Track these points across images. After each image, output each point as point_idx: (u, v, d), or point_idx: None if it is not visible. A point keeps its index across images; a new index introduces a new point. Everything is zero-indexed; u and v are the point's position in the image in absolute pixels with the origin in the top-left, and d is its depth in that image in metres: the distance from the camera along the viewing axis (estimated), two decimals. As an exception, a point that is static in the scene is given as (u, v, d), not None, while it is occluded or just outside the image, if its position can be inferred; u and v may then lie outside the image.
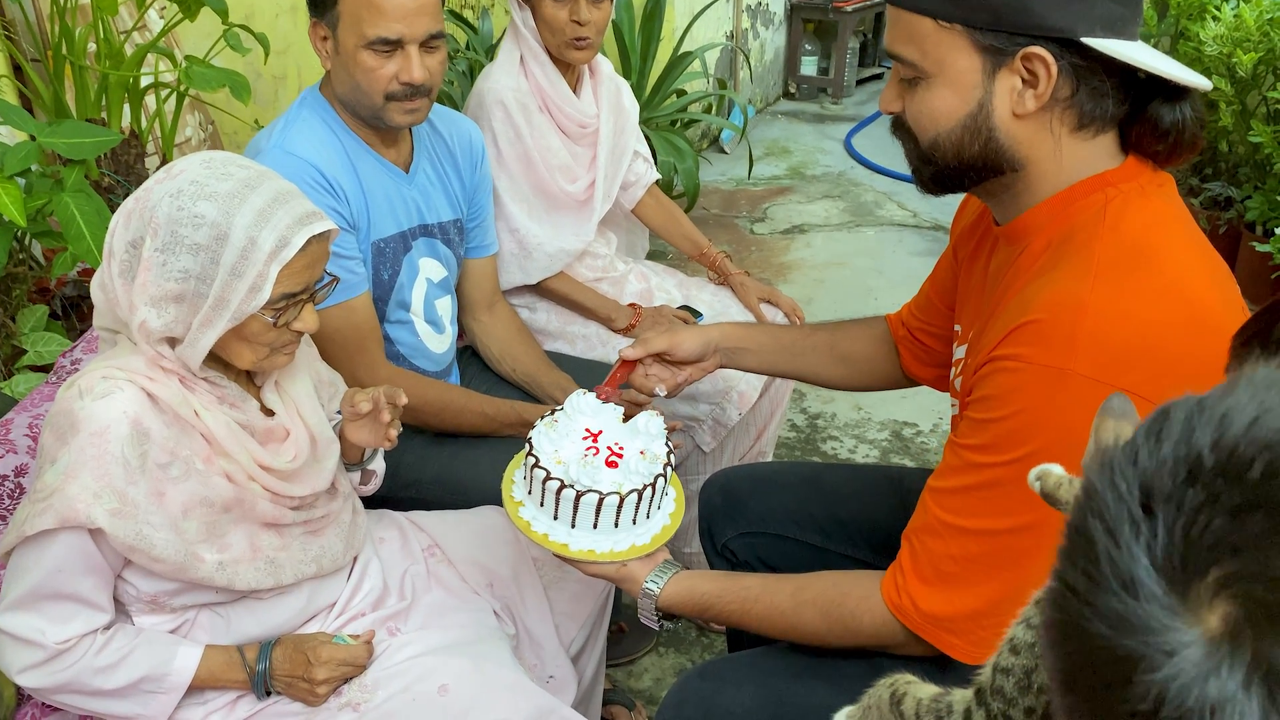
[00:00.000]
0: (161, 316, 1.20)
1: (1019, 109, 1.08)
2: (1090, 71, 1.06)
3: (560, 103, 2.14)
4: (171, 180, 1.20)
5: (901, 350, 1.60)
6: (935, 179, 1.19)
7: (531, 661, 1.55)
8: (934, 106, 1.12)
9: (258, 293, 1.19)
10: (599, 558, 1.29)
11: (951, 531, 1.12)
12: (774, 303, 2.38)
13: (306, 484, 1.35)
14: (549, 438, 1.35)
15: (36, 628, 1.20)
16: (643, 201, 2.49)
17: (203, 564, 1.25)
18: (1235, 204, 3.63)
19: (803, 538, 1.63)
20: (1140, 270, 1.05)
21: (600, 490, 1.26)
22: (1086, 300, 1.02)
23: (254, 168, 1.24)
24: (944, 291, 1.48)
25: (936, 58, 1.10)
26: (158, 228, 1.18)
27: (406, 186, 1.77)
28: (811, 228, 4.45)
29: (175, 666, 1.27)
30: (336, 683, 1.34)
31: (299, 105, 1.70)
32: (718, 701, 1.30)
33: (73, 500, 1.15)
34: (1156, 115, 1.08)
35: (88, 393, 1.19)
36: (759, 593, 1.26)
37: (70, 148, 1.96)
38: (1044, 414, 1.03)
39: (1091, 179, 1.11)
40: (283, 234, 1.20)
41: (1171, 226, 1.10)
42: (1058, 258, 1.09)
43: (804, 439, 2.98)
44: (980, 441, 1.09)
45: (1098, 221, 1.08)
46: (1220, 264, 1.15)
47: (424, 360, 1.87)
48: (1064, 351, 1.01)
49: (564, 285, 2.23)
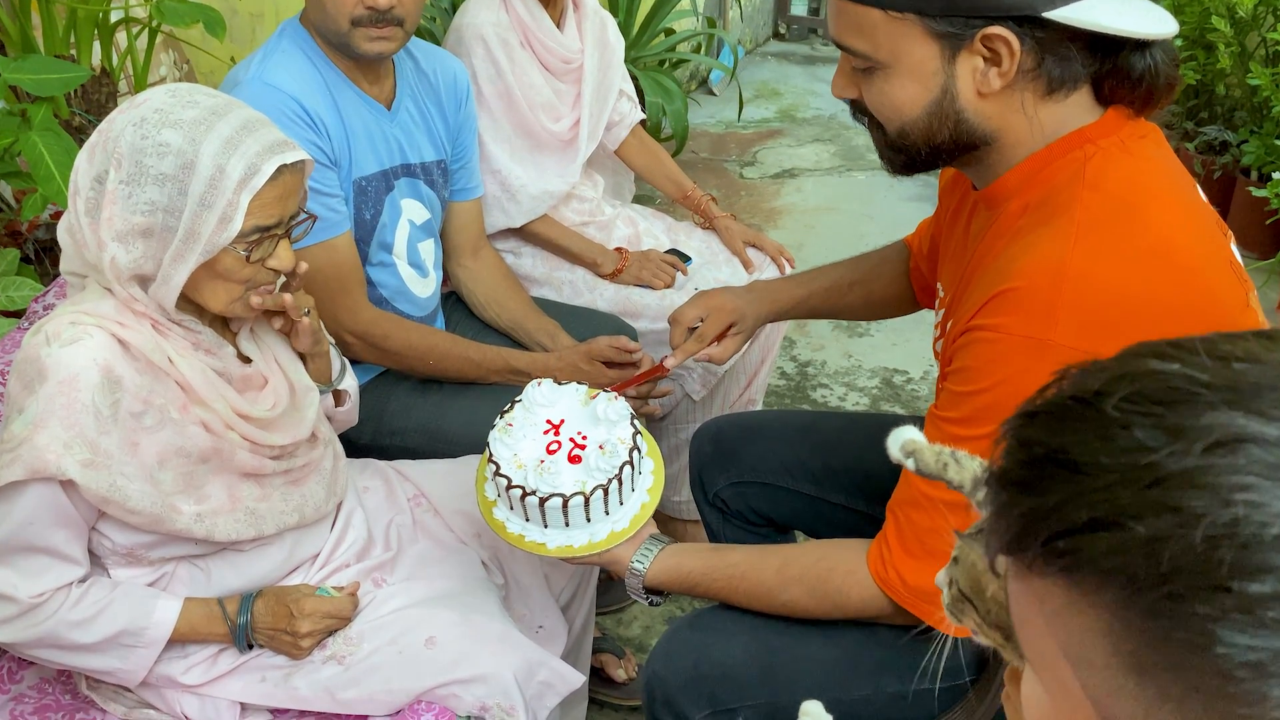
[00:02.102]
0: (130, 252, 1.15)
1: (984, 88, 1.04)
2: (1054, 40, 1.01)
3: (543, 37, 2.07)
4: (135, 109, 1.15)
5: (915, 285, 1.58)
6: (907, 165, 1.15)
7: (521, 612, 1.53)
8: (895, 97, 1.08)
9: (228, 224, 1.14)
10: (577, 552, 1.27)
11: (934, 504, 1.09)
12: (759, 247, 2.33)
13: (286, 433, 1.31)
14: (505, 443, 1.31)
15: (9, 582, 1.16)
16: (626, 142, 2.42)
17: (180, 515, 1.21)
18: (1231, 148, 3.58)
19: (795, 487, 1.60)
20: (1123, 230, 1.01)
21: (563, 493, 1.23)
22: (1067, 265, 0.98)
23: (221, 97, 1.19)
24: (938, 226, 1.44)
25: (890, 48, 1.05)
26: (121, 158, 1.13)
27: (389, 124, 1.71)
28: (802, 172, 4.39)
29: (154, 620, 1.24)
30: (320, 635, 1.32)
31: (278, 36, 1.63)
32: (708, 652, 1.28)
33: (42, 451, 1.10)
34: (1127, 65, 1.03)
35: (55, 339, 1.14)
36: (745, 569, 1.24)
37: (37, 84, 1.88)
38: (1024, 386, 0.98)
39: (1069, 136, 1.06)
40: (252, 161, 1.14)
41: (1156, 181, 1.06)
42: (1036, 220, 1.05)
43: (794, 387, 2.96)
44: (960, 415, 1.06)
45: (1077, 180, 1.04)
46: (1209, 218, 1.11)
47: (407, 304, 1.83)
48: (1044, 321, 0.97)
49: (549, 229, 2.18)
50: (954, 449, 0.80)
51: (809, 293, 1.65)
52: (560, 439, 1.33)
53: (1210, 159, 3.60)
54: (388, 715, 1.29)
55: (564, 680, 1.34)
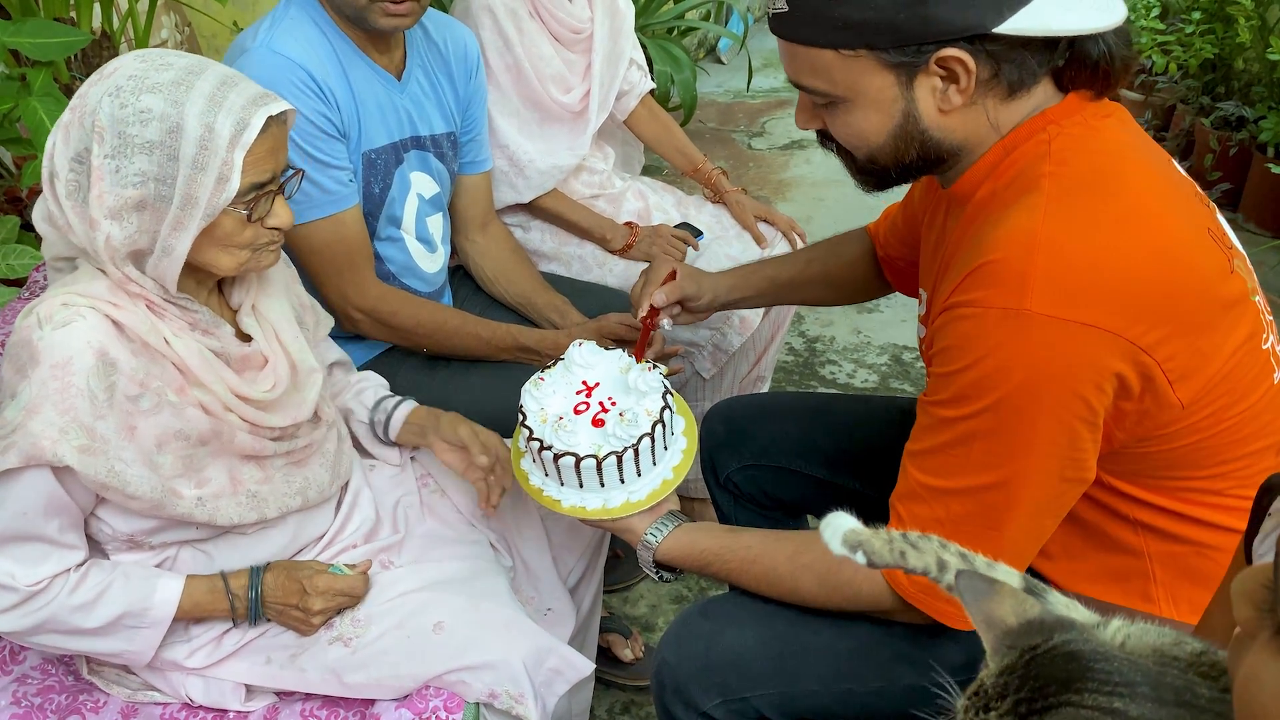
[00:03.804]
0: (125, 228, 1.11)
1: (945, 105, 1.05)
2: (1007, 49, 1.01)
3: (551, 7, 2.02)
4: (107, 80, 1.10)
5: (885, 270, 1.57)
6: (880, 185, 1.17)
7: (529, 595, 1.51)
8: (859, 127, 1.09)
9: (226, 183, 1.11)
10: (589, 515, 1.27)
11: (934, 494, 1.08)
12: (770, 221, 2.30)
13: (287, 414, 1.28)
14: (534, 396, 1.33)
15: (6, 571, 1.14)
16: (636, 112, 2.37)
17: (181, 500, 1.19)
18: (1248, 124, 3.52)
19: (808, 471, 1.58)
20: (1093, 199, 1.00)
21: (577, 453, 1.24)
22: (1038, 234, 0.98)
23: (192, 56, 1.15)
24: (912, 220, 1.43)
25: (847, 84, 1.05)
26: (103, 132, 1.08)
27: (398, 95, 1.67)
28: (811, 143, 4.33)
29: (156, 600, 1.22)
30: (331, 613, 1.30)
31: (286, 3, 1.58)
32: (720, 640, 1.26)
33: (37, 437, 1.07)
34: (1082, 54, 1.04)
35: (47, 321, 1.10)
36: (758, 553, 1.23)
37: (36, 48, 1.84)
38: (1006, 358, 0.98)
39: (1031, 120, 1.06)
40: (240, 116, 1.10)
41: (1125, 153, 1.06)
42: (1006, 200, 1.04)
43: (802, 363, 2.93)
44: (947, 395, 1.04)
45: (1043, 159, 1.04)
46: (1186, 188, 1.10)
47: (415, 280, 1.79)
48: (1018, 291, 0.97)
49: (558, 204, 2.14)
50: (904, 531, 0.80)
51: (761, 264, 1.67)
52: (590, 401, 1.33)
53: (1226, 135, 3.55)
54: (394, 700, 1.28)
55: (573, 667, 1.32)
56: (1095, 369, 0.97)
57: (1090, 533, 1.15)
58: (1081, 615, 0.73)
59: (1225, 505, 1.09)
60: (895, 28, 0.99)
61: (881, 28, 1.00)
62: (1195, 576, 1.14)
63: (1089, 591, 1.19)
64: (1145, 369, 0.97)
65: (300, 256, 1.61)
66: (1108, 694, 0.57)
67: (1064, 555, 1.18)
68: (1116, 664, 0.59)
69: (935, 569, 0.79)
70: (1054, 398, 0.97)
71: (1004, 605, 0.69)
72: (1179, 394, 1.00)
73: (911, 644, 1.20)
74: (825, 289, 1.63)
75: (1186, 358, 0.99)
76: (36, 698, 1.30)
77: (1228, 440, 1.06)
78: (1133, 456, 1.07)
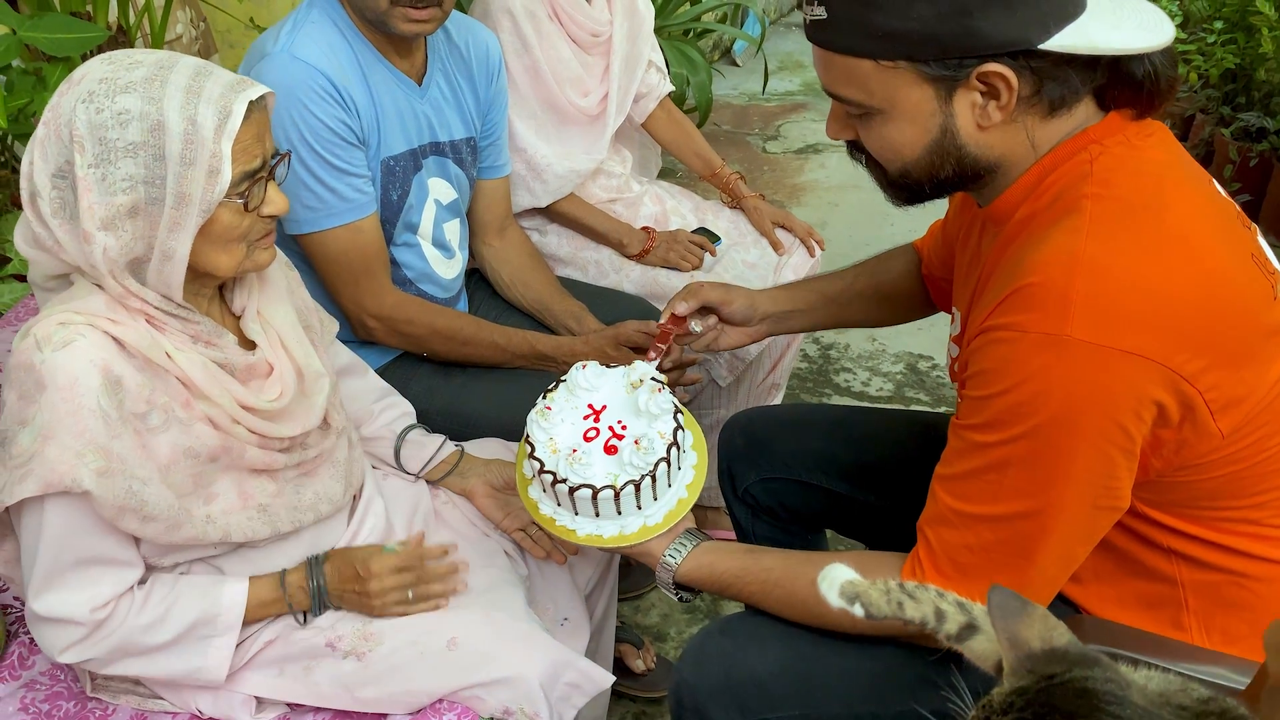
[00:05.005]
0: (120, 237, 1.07)
1: (984, 122, 1.02)
2: (1053, 65, 0.98)
3: (571, 10, 2.00)
4: (77, 86, 1.06)
5: (930, 288, 1.54)
6: (912, 199, 1.13)
7: (545, 604, 1.48)
8: (894, 140, 1.06)
9: (217, 175, 1.07)
10: (606, 543, 1.24)
11: (964, 519, 1.05)
12: (789, 228, 2.27)
13: (295, 422, 1.25)
14: (542, 426, 1.28)
15: (64, 602, 1.11)
16: (654, 115, 2.35)
17: (192, 519, 1.17)
18: (1269, 135, 3.49)
19: (828, 485, 1.56)
20: (1137, 222, 0.97)
21: (593, 484, 1.20)
22: (1079, 256, 0.95)
23: (160, 51, 1.11)
24: (949, 239, 1.40)
25: (884, 95, 1.02)
26: (82, 141, 1.04)
27: (419, 100, 1.64)
28: (826, 147, 4.30)
29: (224, 604, 1.21)
30: (395, 591, 1.28)
31: (308, 6, 1.56)
32: (740, 661, 1.24)
33: (54, 463, 1.05)
34: (1127, 72, 1.01)
35: (46, 343, 1.06)
36: (780, 576, 1.20)
37: (53, 43, 1.82)
38: (1045, 385, 0.96)
39: (1072, 139, 1.03)
40: (221, 105, 1.07)
41: (1169, 175, 1.03)
42: (1046, 221, 1.02)
43: (816, 370, 2.90)
44: (981, 420, 1.02)
45: (1085, 179, 1.01)
46: (1228, 211, 1.08)
47: (432, 286, 1.77)
48: (1059, 315, 0.94)
49: (574, 208, 2.12)
50: (901, 582, 0.77)
51: (811, 280, 1.63)
52: (599, 426, 1.29)
53: (1246, 145, 3.52)
54: (407, 715, 1.26)
55: (591, 681, 1.30)
56: (1135, 397, 0.94)
57: (1122, 559, 1.13)
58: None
59: (1263, 535, 1.07)
60: (937, 40, 0.97)
61: (923, 39, 0.97)
62: (1230, 605, 1.11)
63: (1119, 617, 1.16)
64: (1187, 398, 0.95)
65: (316, 264, 1.59)
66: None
67: (1094, 580, 1.15)
68: (1130, 711, 0.58)
69: (933, 619, 0.78)
70: (1092, 426, 0.95)
71: (1032, 628, 0.69)
72: (1220, 424, 0.97)
73: (936, 668, 1.18)
74: (875, 306, 1.58)
75: (1229, 388, 0.96)
76: (45, 704, 1.28)
77: (1268, 470, 1.03)
78: (1169, 485, 1.04)
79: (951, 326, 1.29)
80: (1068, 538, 1.03)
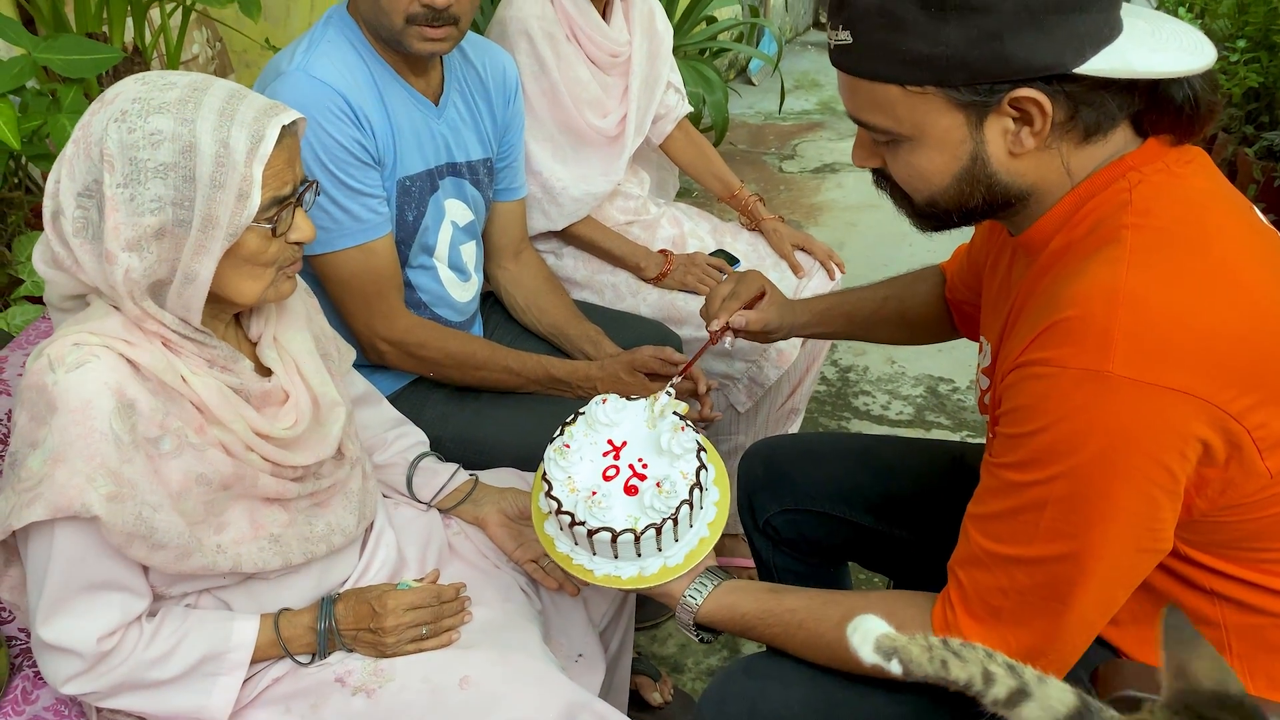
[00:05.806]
0: (144, 259, 1.05)
1: (1016, 149, 0.98)
2: (1088, 89, 0.94)
3: (589, 30, 1.97)
4: (110, 106, 1.05)
5: (954, 313, 1.50)
6: (938, 227, 1.10)
7: (559, 641, 1.45)
8: (922, 168, 1.02)
9: (247, 200, 1.05)
10: (624, 584, 1.20)
11: (998, 561, 1.01)
12: (809, 250, 2.24)
13: (310, 451, 1.23)
14: (559, 464, 1.24)
15: (69, 630, 1.09)
16: (672, 136, 2.33)
17: (203, 548, 1.14)
18: (1294, 156, 3.45)
19: (852, 517, 1.52)
20: (1180, 254, 0.93)
21: (613, 528, 1.17)
22: (1120, 289, 0.90)
23: (194, 74, 1.10)
24: (975, 265, 1.37)
25: (913, 122, 0.98)
26: (112, 160, 1.03)
27: (435, 121, 1.62)
28: (843, 167, 4.27)
29: (233, 642, 1.18)
30: (408, 629, 1.26)
31: (324, 25, 1.54)
32: (764, 702, 1.20)
33: (64, 487, 1.02)
34: (1166, 96, 0.97)
35: (59, 364, 1.04)
36: (804, 617, 1.16)
37: (67, 65, 1.81)
38: (1085, 423, 0.91)
39: (1109, 166, 0.99)
40: (254, 129, 1.06)
41: (1211, 204, 0.99)
42: (1083, 252, 0.98)
43: (835, 393, 2.86)
44: (1017, 459, 0.97)
45: (1124, 208, 0.97)
46: (1272, 240, 1.03)
47: (447, 309, 1.75)
48: (1099, 351, 0.90)
49: (591, 231, 2.09)
50: (945, 638, 0.73)
51: (841, 299, 1.61)
52: (619, 464, 1.25)
53: (1270, 165, 3.47)
54: (417, 756, 1.22)
55: (607, 723, 1.26)
56: (1180, 435, 0.90)
57: (1161, 601, 1.08)
58: None
59: (1312, 578, 1.03)
60: (967, 65, 0.93)
61: (953, 64, 0.94)
62: (1275, 650, 1.07)
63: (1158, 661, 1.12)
64: (1234, 437, 0.91)
65: (327, 286, 1.57)
66: None
67: (1133, 622, 1.11)
68: None
69: (981, 682, 0.73)
70: (1134, 465, 0.91)
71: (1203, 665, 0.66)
72: (1269, 463, 0.93)
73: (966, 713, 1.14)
74: (899, 328, 1.55)
75: (1278, 425, 0.92)
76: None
77: None
78: (1212, 525, 1.00)
79: (980, 357, 1.25)
80: (1107, 582, 0.99)
